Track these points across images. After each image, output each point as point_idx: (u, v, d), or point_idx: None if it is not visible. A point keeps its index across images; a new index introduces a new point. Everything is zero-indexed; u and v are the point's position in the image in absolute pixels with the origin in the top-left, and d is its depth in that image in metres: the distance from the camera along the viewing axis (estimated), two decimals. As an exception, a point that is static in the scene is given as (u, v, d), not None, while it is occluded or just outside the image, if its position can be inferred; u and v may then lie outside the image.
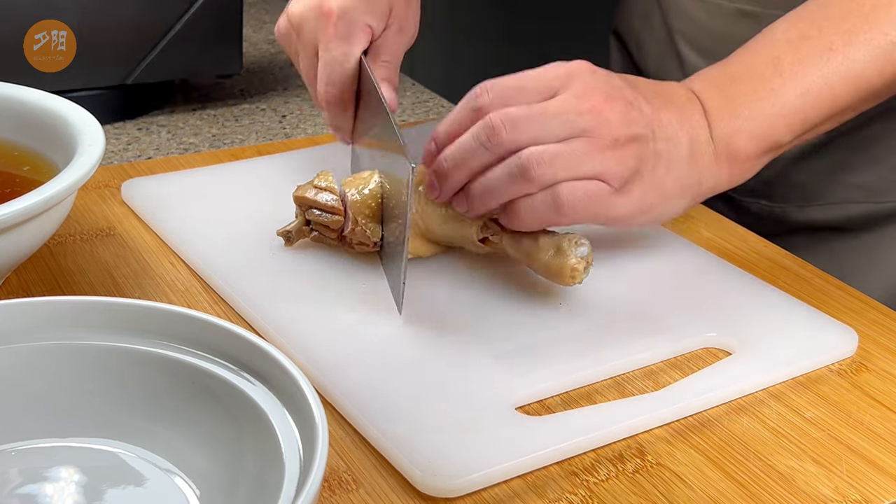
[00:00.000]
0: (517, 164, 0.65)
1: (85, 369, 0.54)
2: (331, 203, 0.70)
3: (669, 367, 0.65)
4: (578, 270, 0.67)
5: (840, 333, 0.68)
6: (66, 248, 0.75)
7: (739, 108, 0.71)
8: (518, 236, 0.69)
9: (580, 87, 0.67)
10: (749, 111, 0.71)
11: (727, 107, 0.71)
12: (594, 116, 0.66)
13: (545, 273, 0.68)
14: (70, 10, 0.93)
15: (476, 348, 0.65)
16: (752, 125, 0.71)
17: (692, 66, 0.97)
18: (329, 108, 0.77)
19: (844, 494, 0.56)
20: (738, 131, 0.71)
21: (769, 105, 0.71)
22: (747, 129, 0.71)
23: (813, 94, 0.71)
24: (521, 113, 0.66)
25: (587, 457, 0.58)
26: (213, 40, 1.00)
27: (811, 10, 0.74)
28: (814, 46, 0.72)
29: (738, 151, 0.71)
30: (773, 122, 0.71)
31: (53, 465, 0.53)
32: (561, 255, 0.67)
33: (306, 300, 0.69)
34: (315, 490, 0.44)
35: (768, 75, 0.71)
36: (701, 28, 0.95)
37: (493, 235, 0.70)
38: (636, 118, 0.67)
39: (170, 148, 0.95)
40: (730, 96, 0.71)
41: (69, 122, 0.70)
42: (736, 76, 0.72)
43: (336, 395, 0.60)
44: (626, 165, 0.66)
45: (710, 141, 0.70)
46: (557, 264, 0.67)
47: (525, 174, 0.65)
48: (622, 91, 0.67)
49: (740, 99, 0.71)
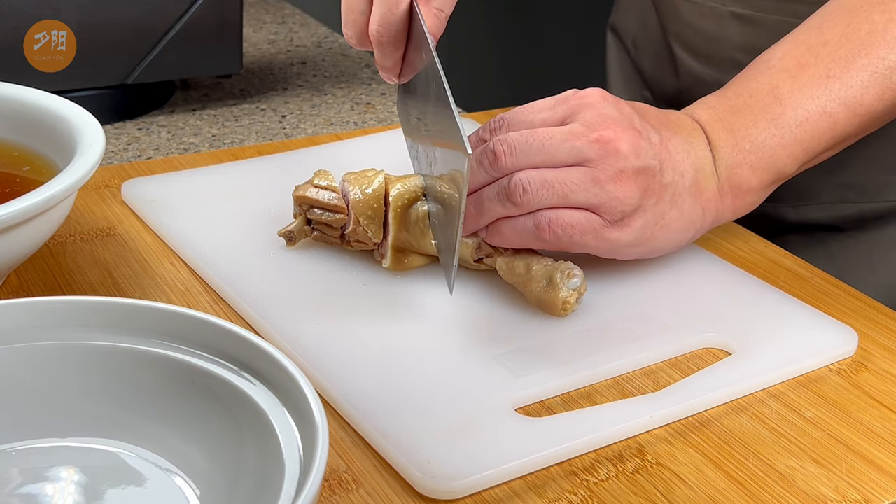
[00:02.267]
0: (504, 186, 0.66)
1: (85, 369, 0.54)
2: (333, 201, 0.70)
3: (669, 367, 0.65)
4: (570, 303, 0.66)
5: (840, 333, 0.68)
6: (66, 248, 0.75)
7: (741, 142, 0.71)
8: (511, 262, 0.69)
9: (591, 115, 0.67)
10: (751, 144, 0.70)
11: (730, 139, 0.71)
12: (602, 146, 0.65)
13: (536, 304, 0.68)
14: (70, 10, 0.93)
15: (476, 349, 0.65)
16: (753, 158, 0.70)
17: (687, 68, 0.97)
18: (381, 47, 0.74)
19: (844, 494, 0.56)
20: (741, 164, 0.70)
21: (770, 136, 0.71)
22: (749, 162, 0.70)
23: (812, 122, 0.71)
24: (522, 139, 0.66)
25: (587, 457, 0.58)
26: (213, 40, 1.00)
27: (807, 35, 0.73)
28: (812, 74, 0.71)
29: (742, 184, 0.71)
30: (775, 153, 0.71)
31: (53, 465, 0.53)
32: (552, 289, 0.66)
33: (307, 300, 0.69)
34: (315, 490, 0.44)
35: (768, 104, 0.71)
36: (695, 30, 0.95)
37: (487, 258, 0.70)
38: (645, 149, 0.67)
39: (170, 148, 0.95)
40: (732, 128, 0.71)
41: (69, 122, 0.70)
42: (736, 107, 0.72)
43: (335, 395, 0.60)
44: (627, 198, 0.66)
45: (714, 173, 0.70)
46: (549, 298, 0.66)
47: (510, 197, 0.65)
48: (632, 120, 0.67)
49: (742, 132, 0.71)
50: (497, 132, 0.68)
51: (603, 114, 0.67)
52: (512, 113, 0.69)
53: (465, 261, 0.71)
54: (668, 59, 1.00)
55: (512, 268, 0.69)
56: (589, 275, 0.70)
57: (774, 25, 0.89)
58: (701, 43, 0.95)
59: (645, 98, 1.06)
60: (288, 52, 1.22)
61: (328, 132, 1.00)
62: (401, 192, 0.70)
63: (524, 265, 0.68)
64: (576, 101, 0.68)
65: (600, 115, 0.67)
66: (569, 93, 0.69)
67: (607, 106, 0.67)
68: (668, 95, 1.02)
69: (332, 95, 1.09)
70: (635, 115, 0.68)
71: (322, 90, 1.11)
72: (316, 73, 1.16)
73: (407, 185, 0.70)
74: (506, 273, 0.69)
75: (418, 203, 0.70)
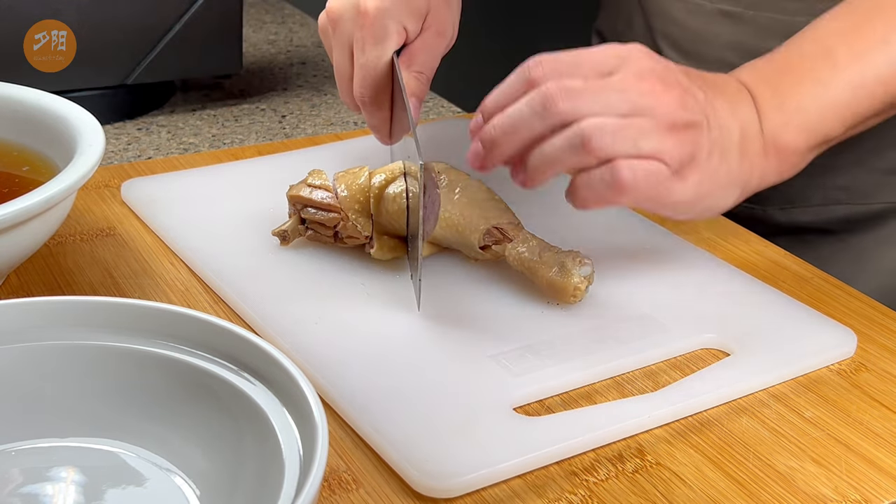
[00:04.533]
0: (578, 133, 0.62)
1: (85, 369, 0.54)
2: (326, 200, 0.71)
3: (669, 367, 0.65)
4: (581, 290, 0.67)
5: (839, 333, 0.68)
6: (66, 248, 0.75)
7: (788, 101, 0.69)
8: (519, 248, 0.69)
9: (637, 67, 0.65)
10: (797, 103, 0.69)
11: (776, 99, 0.70)
12: (654, 97, 0.64)
13: (547, 290, 0.68)
14: (70, 10, 0.93)
15: (475, 349, 0.65)
16: (800, 118, 0.69)
17: None
18: (364, 108, 0.76)
19: (844, 494, 0.56)
20: (787, 124, 0.69)
21: (819, 97, 0.70)
22: (796, 122, 0.69)
23: (867, 87, 0.70)
24: (579, 84, 0.63)
25: (587, 456, 0.58)
26: (213, 40, 1.00)
27: (857, 2, 0.73)
28: (868, 39, 0.70)
29: (787, 145, 0.69)
30: (823, 115, 0.70)
31: (53, 465, 0.53)
32: (564, 274, 0.66)
33: (306, 300, 0.69)
34: (315, 490, 0.44)
35: (819, 67, 0.70)
36: (682, 28, 0.95)
37: (495, 245, 0.70)
38: (692, 104, 0.65)
39: (170, 148, 0.95)
40: (779, 89, 0.70)
41: (69, 122, 0.70)
42: (785, 68, 0.71)
43: (334, 395, 0.60)
44: (683, 149, 0.64)
45: (760, 133, 0.69)
46: (560, 283, 0.67)
47: (586, 145, 0.62)
48: (677, 76, 0.66)
49: (789, 91, 0.70)
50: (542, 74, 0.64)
51: (651, 67, 0.65)
52: (547, 56, 0.65)
53: (471, 248, 0.71)
54: None
55: (520, 253, 0.68)
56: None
57: (763, 23, 0.89)
58: (689, 41, 0.95)
59: None
60: (288, 52, 1.22)
61: (328, 132, 1.00)
62: (380, 179, 0.71)
63: (536, 251, 0.68)
64: (621, 52, 0.65)
65: (647, 68, 0.65)
66: (610, 45, 0.66)
67: (653, 60, 0.66)
68: None
69: (332, 95, 1.09)
70: (680, 72, 0.67)
71: (322, 90, 1.11)
72: (316, 73, 1.16)
73: (387, 171, 0.71)
74: (515, 259, 0.69)
75: (391, 185, 0.70)
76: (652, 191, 0.64)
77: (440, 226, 0.70)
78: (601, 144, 0.62)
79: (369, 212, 0.71)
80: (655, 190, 0.64)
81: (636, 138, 0.63)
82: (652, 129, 0.63)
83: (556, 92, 0.62)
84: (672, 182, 0.64)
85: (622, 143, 0.62)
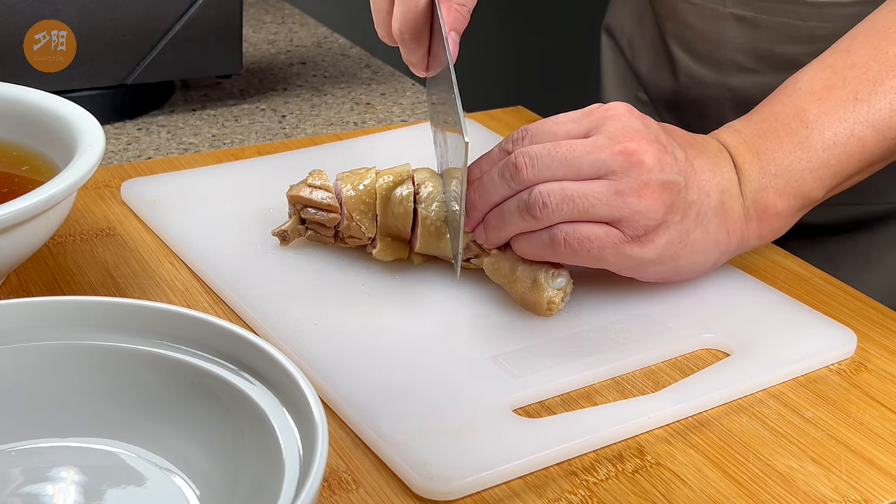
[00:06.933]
0: (525, 199, 0.65)
1: (85, 369, 0.54)
2: (326, 200, 0.71)
3: (669, 367, 0.65)
4: (555, 303, 0.66)
5: (839, 333, 0.68)
6: (66, 248, 0.75)
7: (767, 165, 0.69)
8: (497, 263, 0.69)
9: (615, 128, 0.66)
10: (776, 167, 0.69)
11: (756, 162, 0.70)
12: (625, 158, 0.64)
13: (522, 304, 0.67)
14: (70, 10, 0.93)
15: (474, 349, 0.65)
16: (780, 182, 0.69)
17: (685, 69, 0.97)
18: (403, 45, 0.75)
19: (844, 494, 0.56)
20: (767, 188, 0.69)
21: (796, 160, 0.69)
22: (775, 186, 0.69)
23: (840, 145, 0.69)
24: (544, 151, 0.65)
25: (587, 457, 0.58)
26: (213, 40, 1.00)
27: (834, 58, 0.72)
28: (838, 97, 0.70)
29: (768, 209, 0.69)
30: (802, 178, 0.69)
31: (53, 465, 0.53)
32: (537, 289, 0.66)
33: (306, 300, 0.69)
34: (315, 490, 0.44)
35: (794, 128, 0.70)
36: (694, 32, 0.95)
37: (474, 258, 0.70)
38: (670, 164, 0.65)
39: (170, 148, 0.95)
40: (758, 151, 0.70)
41: (69, 122, 0.70)
42: (762, 130, 0.71)
43: (334, 396, 0.60)
44: (651, 212, 0.64)
45: (740, 195, 0.69)
46: (534, 298, 0.66)
47: (530, 210, 0.64)
48: (657, 135, 0.66)
49: (768, 155, 0.70)
50: (520, 144, 0.67)
51: (628, 126, 0.66)
52: (535, 125, 0.68)
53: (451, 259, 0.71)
54: (666, 60, 1.00)
55: (498, 268, 0.68)
56: (588, 275, 0.70)
57: (776, 27, 0.89)
58: (700, 44, 0.95)
59: (640, 99, 1.06)
60: (288, 52, 1.22)
61: (328, 132, 1.00)
62: (386, 180, 0.70)
63: (509, 266, 0.68)
64: (600, 113, 0.67)
65: (625, 127, 0.66)
66: (594, 106, 0.68)
67: (632, 119, 0.66)
68: (666, 96, 1.02)
69: (332, 95, 1.09)
70: (661, 131, 0.67)
71: (322, 90, 1.11)
72: (316, 73, 1.16)
73: (393, 173, 0.71)
74: (492, 273, 0.69)
75: (399, 188, 0.70)
76: (597, 255, 0.65)
77: (423, 235, 0.70)
78: (545, 213, 0.64)
79: (374, 213, 0.70)
80: (601, 254, 0.65)
81: (586, 204, 0.64)
82: (611, 194, 0.64)
83: (521, 161, 0.65)
84: (627, 246, 0.65)
85: (569, 209, 0.64)
